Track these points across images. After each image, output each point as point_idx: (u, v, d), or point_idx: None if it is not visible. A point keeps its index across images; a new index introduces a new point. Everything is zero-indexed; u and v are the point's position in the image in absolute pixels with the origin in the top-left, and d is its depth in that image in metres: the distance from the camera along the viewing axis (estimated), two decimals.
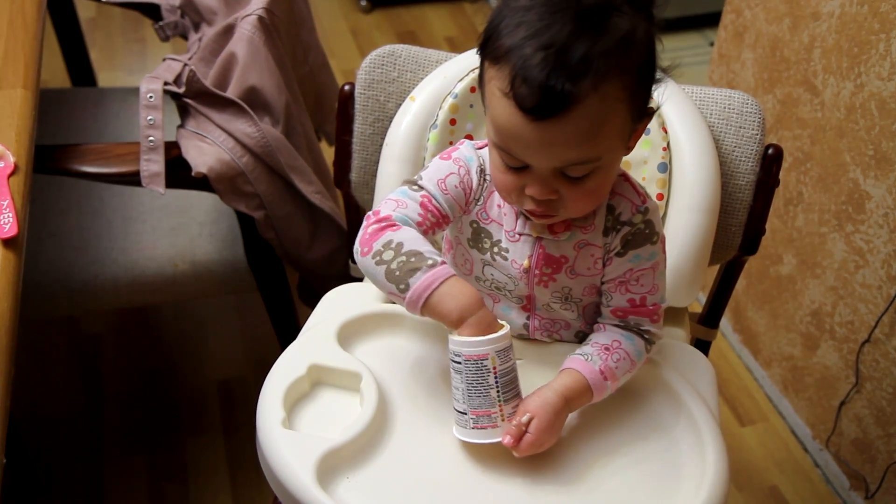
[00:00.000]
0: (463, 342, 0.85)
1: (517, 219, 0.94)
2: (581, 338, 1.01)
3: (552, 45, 0.77)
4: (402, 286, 0.85)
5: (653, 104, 0.87)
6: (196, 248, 1.52)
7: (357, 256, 0.90)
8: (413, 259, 0.86)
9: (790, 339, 1.79)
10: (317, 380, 0.96)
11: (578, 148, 0.81)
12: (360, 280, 1.23)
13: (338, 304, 1.06)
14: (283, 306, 1.58)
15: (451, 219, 0.94)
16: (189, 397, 1.83)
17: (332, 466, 0.86)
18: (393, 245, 0.87)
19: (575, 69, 0.76)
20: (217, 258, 1.51)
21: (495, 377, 0.86)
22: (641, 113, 0.85)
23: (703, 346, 1.30)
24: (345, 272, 1.43)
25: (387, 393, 0.95)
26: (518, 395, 0.89)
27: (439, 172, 0.94)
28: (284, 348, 0.98)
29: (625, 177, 0.94)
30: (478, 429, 0.88)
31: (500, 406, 0.87)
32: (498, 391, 0.86)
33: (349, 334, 1.01)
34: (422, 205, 0.92)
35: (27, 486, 1.60)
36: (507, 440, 0.86)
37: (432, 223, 0.92)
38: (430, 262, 0.86)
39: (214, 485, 1.67)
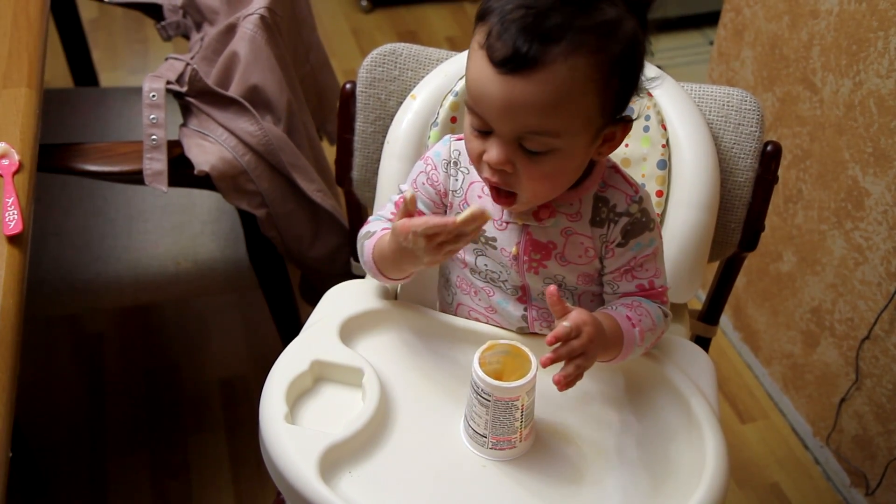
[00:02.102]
0: (495, 386, 0.86)
1: (502, 209, 0.95)
2: None
3: (534, 6, 0.79)
4: (363, 259, 1.01)
5: (632, 114, 0.88)
6: (198, 246, 1.52)
7: None
8: (365, 238, 1.01)
9: (790, 336, 1.80)
10: (319, 375, 0.97)
11: (539, 114, 0.82)
12: (362, 277, 1.23)
13: (340, 301, 1.07)
14: (285, 304, 1.59)
15: (425, 214, 1.01)
16: (191, 395, 1.84)
17: (335, 461, 0.87)
18: (363, 235, 1.03)
19: (549, 32, 0.78)
20: (219, 256, 1.52)
21: (521, 412, 0.88)
22: (616, 110, 0.86)
23: (703, 342, 1.30)
24: (346, 270, 1.44)
25: (388, 388, 0.96)
26: (533, 415, 0.91)
27: (413, 173, 1.03)
28: (286, 346, 0.99)
29: (615, 168, 0.96)
30: (496, 450, 0.90)
31: (520, 432, 0.89)
32: (521, 422, 0.89)
33: (351, 330, 1.01)
34: (395, 204, 1.03)
35: (30, 482, 1.60)
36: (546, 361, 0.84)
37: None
38: (369, 233, 1.00)
39: (216, 482, 1.67)
